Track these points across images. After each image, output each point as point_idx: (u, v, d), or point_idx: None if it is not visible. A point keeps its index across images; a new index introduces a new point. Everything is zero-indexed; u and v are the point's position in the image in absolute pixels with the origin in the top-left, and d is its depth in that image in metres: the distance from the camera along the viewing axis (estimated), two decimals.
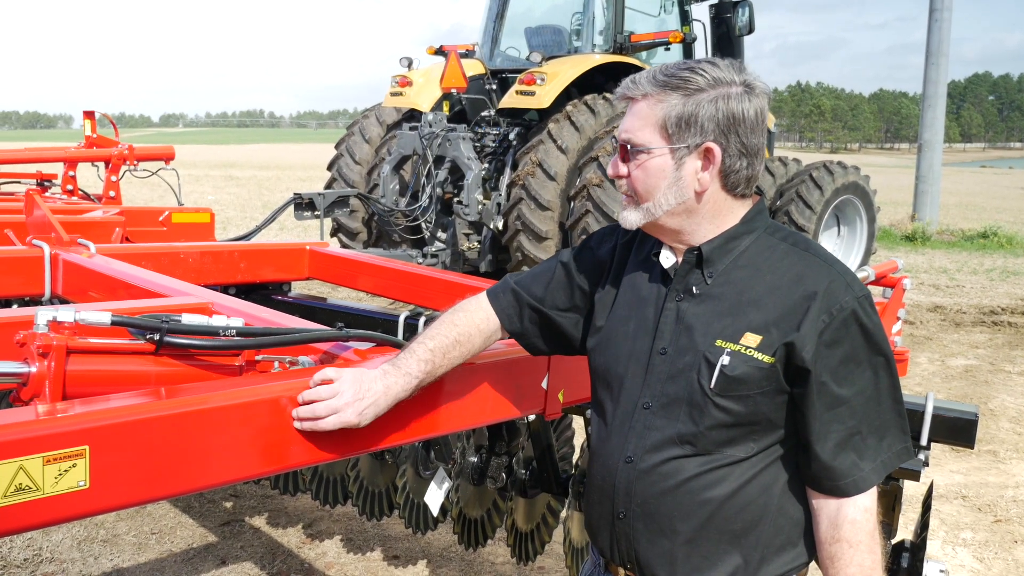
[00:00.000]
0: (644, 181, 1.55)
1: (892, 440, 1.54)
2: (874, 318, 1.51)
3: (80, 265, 2.84)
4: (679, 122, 1.50)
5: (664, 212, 1.55)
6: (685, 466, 1.54)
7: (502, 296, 1.80)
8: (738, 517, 1.54)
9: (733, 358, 1.49)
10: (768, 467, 1.55)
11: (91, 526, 3.92)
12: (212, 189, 23.17)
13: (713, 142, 1.51)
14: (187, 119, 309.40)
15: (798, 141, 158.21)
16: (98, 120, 5.91)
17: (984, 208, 27.01)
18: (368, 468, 3.09)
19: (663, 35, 8.70)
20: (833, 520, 1.53)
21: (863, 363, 1.50)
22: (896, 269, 3.33)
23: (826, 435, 1.50)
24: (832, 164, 9.19)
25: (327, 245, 3.79)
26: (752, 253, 1.57)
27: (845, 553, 1.51)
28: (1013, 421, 5.99)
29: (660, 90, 1.52)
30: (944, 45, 16.98)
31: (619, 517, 1.60)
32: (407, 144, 8.17)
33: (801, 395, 1.50)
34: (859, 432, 1.50)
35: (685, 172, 1.53)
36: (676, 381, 1.54)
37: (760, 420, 1.52)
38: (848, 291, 1.49)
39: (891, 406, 1.53)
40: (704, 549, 1.55)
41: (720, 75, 1.51)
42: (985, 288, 11.44)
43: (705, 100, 1.50)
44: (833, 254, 1.61)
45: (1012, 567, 3.90)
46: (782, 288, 1.51)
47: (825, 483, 1.52)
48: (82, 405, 1.36)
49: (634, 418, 1.59)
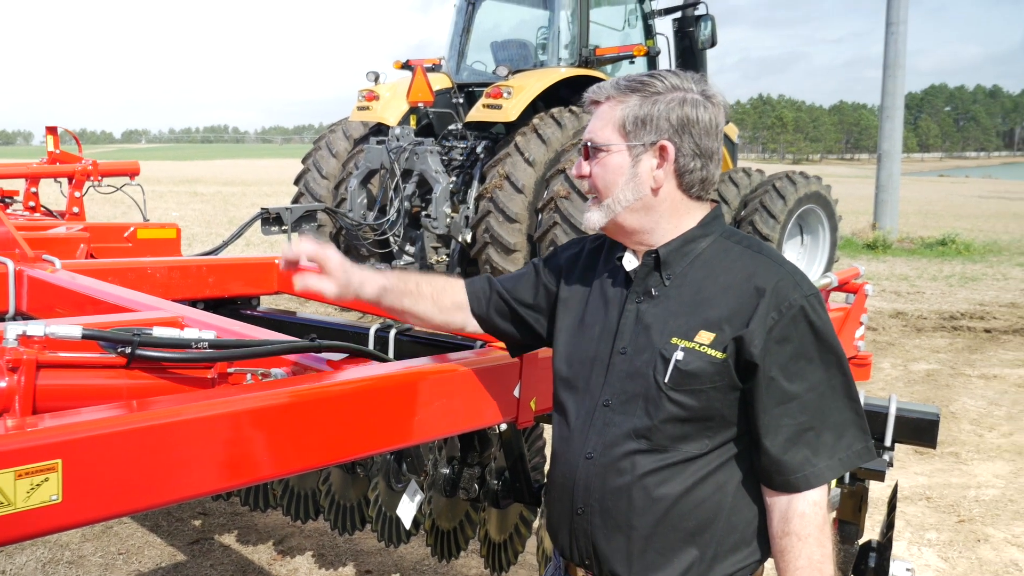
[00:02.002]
0: (603, 177, 1.64)
1: (852, 439, 1.57)
2: (823, 316, 1.56)
3: (45, 281, 2.80)
4: (636, 121, 1.60)
5: (623, 208, 1.63)
6: (641, 462, 1.58)
7: (476, 282, 1.95)
8: (692, 514, 1.58)
9: (687, 354, 1.55)
10: (722, 466, 1.59)
11: (56, 547, 3.86)
12: (176, 205, 22.92)
13: (667, 140, 1.59)
14: (150, 135, 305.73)
15: (761, 152, 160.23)
16: (60, 135, 5.84)
17: (942, 216, 27.54)
18: (339, 482, 3.07)
19: (628, 48, 8.80)
20: (783, 514, 1.56)
21: (814, 360, 1.54)
22: (858, 275, 3.39)
23: (776, 430, 1.53)
24: (794, 174, 9.33)
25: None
26: (708, 255, 1.63)
27: (794, 546, 1.54)
28: (974, 423, 6.11)
29: (621, 93, 1.62)
30: (901, 57, 17.32)
31: (578, 513, 1.65)
32: (374, 158, 8.17)
33: (751, 390, 1.54)
34: (812, 428, 1.54)
35: (641, 169, 1.61)
36: (634, 379, 1.60)
37: (713, 416, 1.56)
38: (797, 289, 1.55)
39: (847, 404, 1.57)
40: (659, 545, 1.59)
41: (678, 83, 1.61)
42: (945, 294, 11.67)
43: (661, 101, 1.59)
44: (790, 259, 1.67)
45: (976, 566, 3.97)
46: (734, 287, 1.57)
47: (776, 478, 1.56)
48: (54, 418, 1.36)
49: (595, 416, 1.65)
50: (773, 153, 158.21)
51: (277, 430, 1.59)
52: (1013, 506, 4.67)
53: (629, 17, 9.43)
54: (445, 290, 1.92)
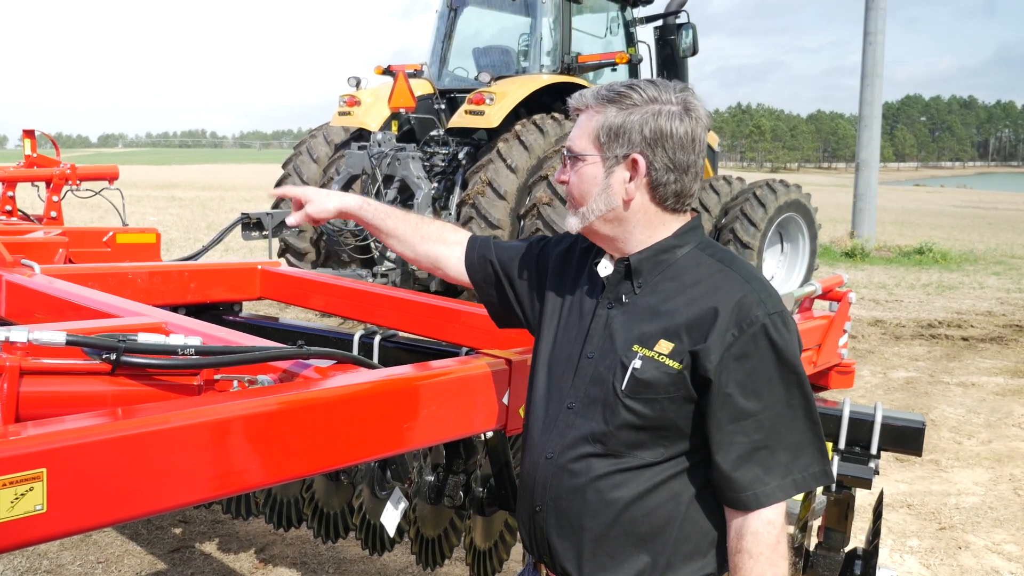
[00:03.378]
0: (579, 187, 1.66)
1: (808, 460, 1.56)
2: (785, 336, 1.55)
3: (24, 286, 2.76)
4: (609, 132, 1.60)
5: (596, 217, 1.65)
6: (595, 465, 1.60)
7: (480, 238, 2.02)
8: (644, 520, 1.58)
9: (645, 363, 1.56)
10: (677, 475, 1.59)
11: (34, 556, 3.80)
12: (154, 210, 22.73)
13: (639, 154, 1.59)
14: (127, 139, 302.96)
15: (739, 160, 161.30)
16: (38, 139, 5.77)
17: (919, 225, 27.84)
18: (323, 489, 3.04)
19: (609, 56, 8.84)
20: (738, 531, 1.57)
21: (774, 379, 1.53)
22: (842, 283, 3.41)
23: (728, 446, 1.53)
24: (775, 183, 9.39)
25: (279, 264, 3.75)
26: (680, 266, 1.63)
27: (745, 564, 1.54)
28: (953, 431, 6.17)
29: (599, 103, 1.62)
30: (879, 67, 17.51)
31: (536, 511, 1.68)
32: (356, 163, 8.14)
33: (705, 404, 1.54)
34: (767, 447, 1.53)
35: (614, 181, 1.62)
36: (597, 384, 1.62)
37: (668, 426, 1.57)
38: (760, 307, 1.54)
39: (806, 425, 1.56)
40: (609, 548, 1.60)
41: (657, 94, 1.59)
42: (922, 302, 11.78)
43: (636, 113, 1.59)
44: (770, 267, 1.67)
45: (957, 572, 4.00)
46: (698, 300, 1.57)
47: (727, 494, 1.56)
48: (38, 427, 1.33)
49: (559, 418, 1.67)
50: (752, 161, 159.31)
51: (265, 438, 1.56)
52: (993, 513, 4.71)
53: (611, 25, 9.48)
54: (433, 223, 2.01)
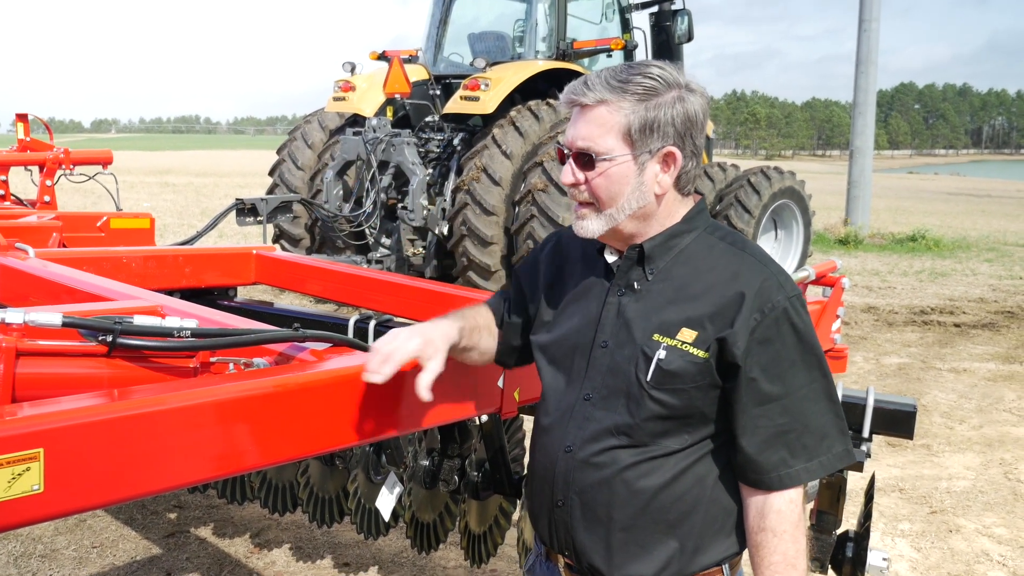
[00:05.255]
0: (607, 188, 1.56)
1: (832, 442, 1.57)
2: (805, 319, 1.55)
3: (19, 270, 2.75)
4: (643, 128, 1.52)
5: (626, 216, 1.58)
6: (621, 456, 1.58)
7: (496, 298, 1.90)
8: (672, 507, 1.58)
9: (669, 352, 1.53)
10: (702, 459, 1.59)
11: (28, 540, 3.80)
12: (148, 196, 22.64)
13: (673, 146, 1.55)
14: (120, 124, 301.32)
15: (734, 148, 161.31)
16: (31, 123, 5.75)
17: (912, 212, 27.89)
18: (318, 474, 3.05)
19: (605, 42, 8.82)
20: (760, 510, 1.57)
21: (796, 362, 1.53)
22: (835, 269, 3.41)
23: (753, 430, 1.53)
24: (769, 169, 9.40)
25: (274, 249, 3.75)
26: (692, 251, 1.61)
27: (769, 542, 1.55)
28: (945, 416, 6.20)
29: (616, 95, 1.53)
30: (873, 54, 17.50)
31: (558, 505, 1.65)
32: (351, 149, 8.12)
33: (732, 389, 1.54)
34: (792, 430, 1.53)
35: (647, 176, 1.56)
36: (616, 374, 1.59)
37: (694, 413, 1.56)
38: (780, 291, 1.54)
39: (828, 406, 1.56)
40: (639, 537, 1.59)
41: (669, 77, 1.55)
42: (915, 289, 11.83)
43: (665, 105, 1.53)
44: (770, 255, 1.66)
45: (948, 555, 4.03)
46: (718, 285, 1.55)
47: (751, 476, 1.56)
48: (34, 407, 1.33)
49: (575, 409, 1.63)
50: (746, 149, 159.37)
51: (261, 420, 1.57)
52: (983, 497, 4.75)
53: (606, 11, 9.45)
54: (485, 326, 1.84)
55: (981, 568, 3.93)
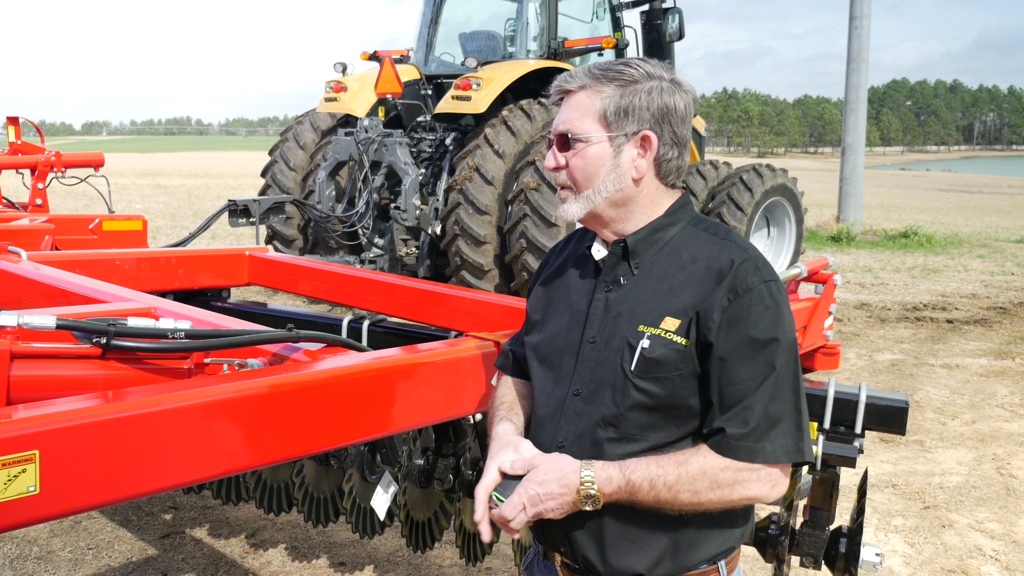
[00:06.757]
0: (583, 169, 1.62)
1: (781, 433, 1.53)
2: (780, 303, 1.55)
3: (11, 272, 2.75)
4: (618, 111, 1.59)
5: (603, 200, 1.62)
6: (610, 450, 1.58)
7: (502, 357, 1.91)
8: None
9: (653, 341, 1.55)
10: None
11: (24, 542, 3.80)
12: (139, 198, 22.58)
13: (649, 130, 1.59)
14: (111, 127, 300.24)
15: (726, 146, 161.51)
16: (23, 126, 5.73)
17: (904, 209, 27.98)
18: (313, 474, 3.06)
19: (596, 41, 8.83)
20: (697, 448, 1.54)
21: (764, 345, 1.52)
22: (827, 265, 3.43)
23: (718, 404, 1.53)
24: (761, 167, 9.42)
25: (267, 250, 3.75)
26: (676, 243, 1.64)
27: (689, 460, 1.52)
28: (937, 412, 6.23)
29: (597, 82, 1.61)
30: (864, 51, 17.55)
31: None
32: (343, 150, 8.12)
33: (705, 371, 1.54)
34: (750, 408, 1.51)
35: (623, 159, 1.61)
36: (603, 367, 1.61)
37: (679, 404, 1.56)
38: (757, 274, 1.55)
39: (789, 396, 1.54)
40: (632, 533, 1.60)
41: (651, 70, 1.61)
42: (907, 285, 11.87)
43: (641, 91, 1.59)
44: (755, 246, 1.67)
45: (941, 551, 4.06)
46: (698, 273, 1.58)
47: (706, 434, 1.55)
48: (29, 409, 1.33)
49: (565, 405, 1.65)
50: (739, 146, 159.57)
51: (255, 420, 1.58)
52: (976, 492, 4.78)
53: (597, 10, 9.46)
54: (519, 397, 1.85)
55: (974, 563, 3.95)
